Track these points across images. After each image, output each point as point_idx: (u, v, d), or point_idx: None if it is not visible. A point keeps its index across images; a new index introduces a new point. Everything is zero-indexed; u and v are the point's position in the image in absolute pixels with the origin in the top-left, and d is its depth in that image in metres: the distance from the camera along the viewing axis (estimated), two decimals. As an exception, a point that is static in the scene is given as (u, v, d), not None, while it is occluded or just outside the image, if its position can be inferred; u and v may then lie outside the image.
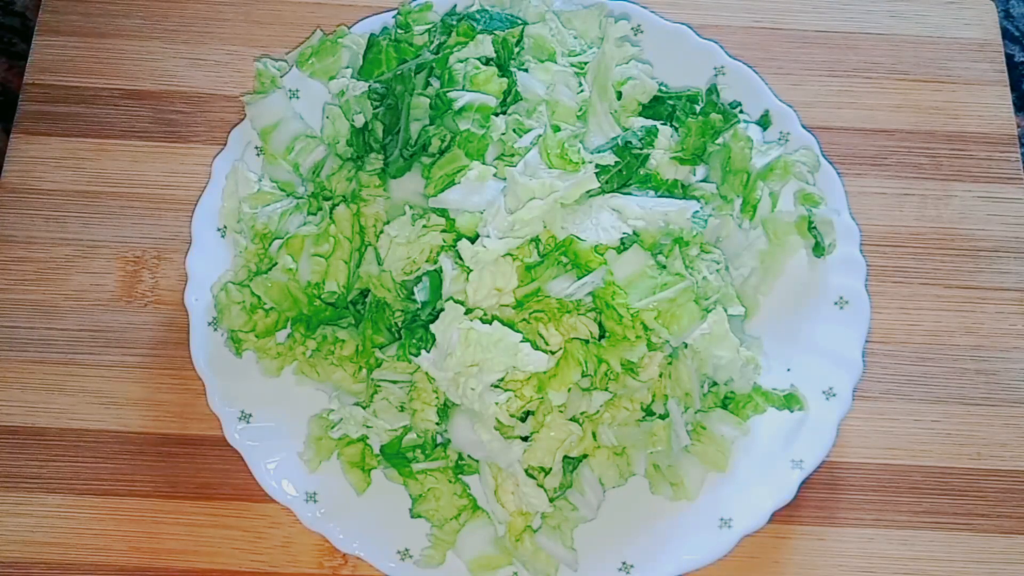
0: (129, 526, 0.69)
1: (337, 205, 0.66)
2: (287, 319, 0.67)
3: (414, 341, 0.61)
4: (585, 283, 0.61)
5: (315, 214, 0.68)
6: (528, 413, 0.63)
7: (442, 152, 0.64)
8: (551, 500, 0.63)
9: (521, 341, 0.59)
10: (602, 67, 0.68)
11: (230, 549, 0.68)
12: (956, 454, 0.73)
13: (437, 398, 0.63)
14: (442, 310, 0.60)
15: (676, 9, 0.83)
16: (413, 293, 0.63)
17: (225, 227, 0.71)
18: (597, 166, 0.62)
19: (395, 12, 0.73)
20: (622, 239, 0.61)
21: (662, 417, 0.64)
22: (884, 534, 0.70)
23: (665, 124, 0.68)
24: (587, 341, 0.61)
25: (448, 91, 0.65)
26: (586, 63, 0.69)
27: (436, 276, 0.62)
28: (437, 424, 0.63)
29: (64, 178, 0.78)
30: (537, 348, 0.60)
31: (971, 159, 0.82)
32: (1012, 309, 0.77)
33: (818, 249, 0.70)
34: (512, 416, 0.62)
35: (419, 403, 0.63)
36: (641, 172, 0.65)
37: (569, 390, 0.61)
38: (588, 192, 0.62)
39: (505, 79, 0.66)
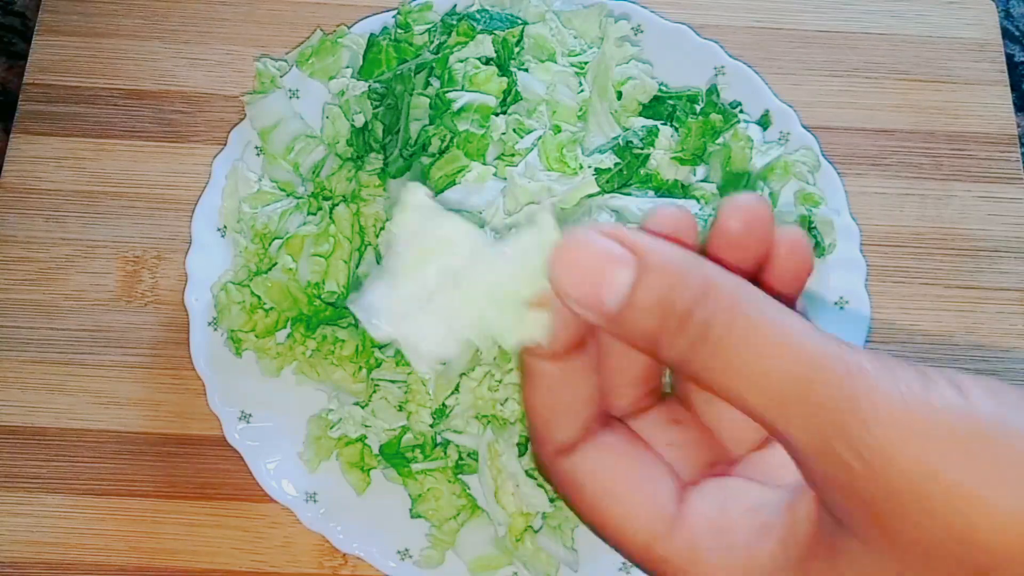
0: (129, 526, 0.69)
1: (337, 205, 0.66)
2: (287, 319, 0.67)
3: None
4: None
5: (315, 214, 0.68)
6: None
7: (442, 152, 0.64)
8: (551, 500, 0.63)
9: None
10: (602, 67, 0.68)
11: (230, 549, 0.68)
12: (956, 454, 0.72)
13: (432, 400, 0.63)
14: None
15: (676, 9, 0.83)
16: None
17: (225, 227, 0.71)
18: (595, 170, 0.62)
19: (395, 12, 0.73)
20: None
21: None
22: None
23: (665, 124, 0.68)
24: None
25: (448, 91, 0.65)
26: (586, 63, 0.69)
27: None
28: (431, 426, 0.63)
29: (64, 178, 0.78)
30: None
31: (971, 159, 0.82)
32: (1012, 309, 0.77)
33: (818, 249, 0.70)
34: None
35: (414, 405, 0.63)
36: (641, 172, 0.65)
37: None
38: (588, 194, 0.62)
39: (505, 79, 0.66)
